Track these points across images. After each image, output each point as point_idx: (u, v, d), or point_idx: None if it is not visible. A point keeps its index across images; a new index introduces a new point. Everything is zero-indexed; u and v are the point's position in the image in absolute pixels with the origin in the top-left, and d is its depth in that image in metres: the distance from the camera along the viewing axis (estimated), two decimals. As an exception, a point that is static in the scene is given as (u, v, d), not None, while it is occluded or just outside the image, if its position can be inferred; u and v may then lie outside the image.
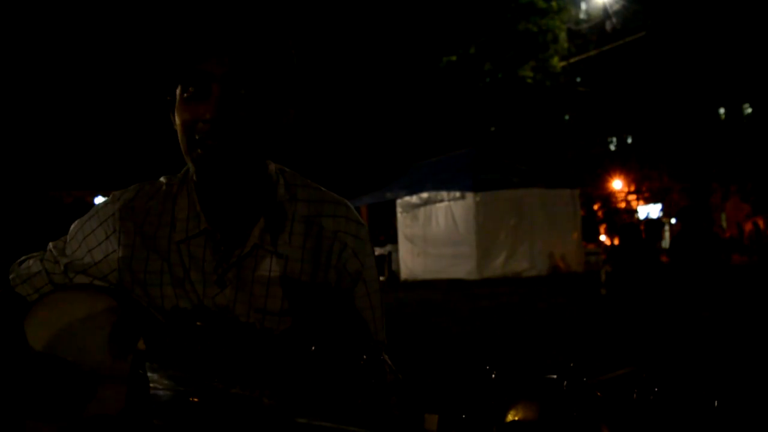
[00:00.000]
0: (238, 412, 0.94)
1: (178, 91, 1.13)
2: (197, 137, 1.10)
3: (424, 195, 15.62)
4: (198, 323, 1.01)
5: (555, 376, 0.71)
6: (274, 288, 1.20)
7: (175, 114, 1.14)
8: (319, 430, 0.83)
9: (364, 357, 0.82)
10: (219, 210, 1.21)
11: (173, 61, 1.13)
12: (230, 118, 1.09)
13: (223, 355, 1.00)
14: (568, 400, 0.69)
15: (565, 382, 0.70)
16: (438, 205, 15.27)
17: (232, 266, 1.20)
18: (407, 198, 16.12)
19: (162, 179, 1.29)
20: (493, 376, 0.73)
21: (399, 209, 16.34)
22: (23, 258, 1.31)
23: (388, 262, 16.28)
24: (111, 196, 1.30)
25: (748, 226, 25.10)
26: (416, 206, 15.85)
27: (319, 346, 0.85)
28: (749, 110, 26.64)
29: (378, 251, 16.70)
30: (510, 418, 0.74)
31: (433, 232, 15.30)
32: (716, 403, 0.67)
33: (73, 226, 1.30)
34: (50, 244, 1.30)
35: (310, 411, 0.85)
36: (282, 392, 0.89)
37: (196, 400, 0.96)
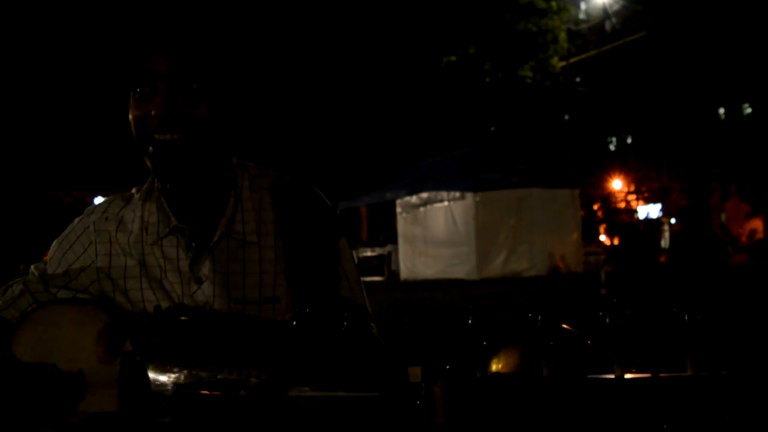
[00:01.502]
0: (228, 395, 0.95)
1: (131, 96, 1.17)
2: (149, 132, 1.13)
3: (424, 195, 15.62)
4: (182, 318, 1.03)
5: (530, 315, 0.74)
6: (251, 277, 1.22)
7: (129, 114, 1.17)
8: (310, 400, 0.85)
9: (345, 324, 0.84)
10: (186, 208, 1.23)
11: (124, 63, 1.16)
12: (177, 113, 1.12)
13: (209, 344, 1.01)
14: (545, 338, 0.72)
15: (540, 318, 0.73)
16: (438, 205, 15.27)
17: (205, 260, 1.22)
18: (407, 198, 16.12)
19: (133, 190, 1.32)
20: (470, 321, 0.75)
21: (399, 209, 16.34)
22: (6, 285, 1.33)
23: (387, 263, 16.27)
24: (85, 211, 1.33)
25: (747, 227, 25.09)
26: (416, 206, 15.84)
27: (300, 319, 0.86)
28: (749, 110, 26.65)
29: (378, 251, 16.70)
30: (493, 363, 0.76)
31: (433, 232, 15.29)
32: (687, 318, 0.69)
33: (52, 245, 1.33)
34: (32, 267, 1.32)
35: (299, 383, 0.86)
36: (270, 369, 0.90)
37: (187, 392, 0.98)
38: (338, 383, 0.83)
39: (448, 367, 0.72)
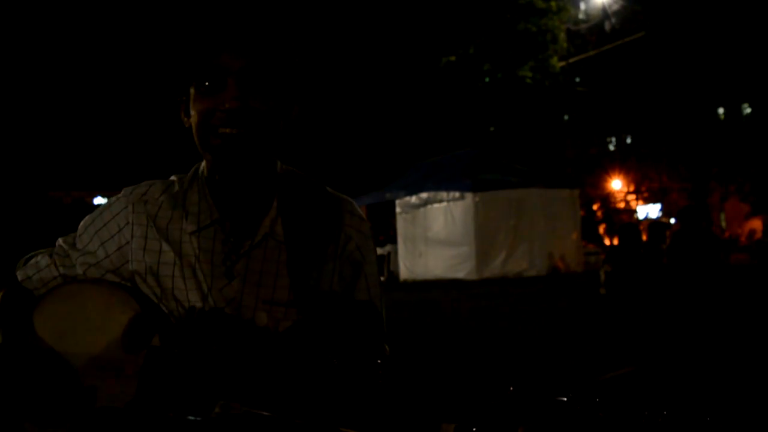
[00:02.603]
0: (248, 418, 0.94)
1: (192, 90, 1.18)
2: (214, 126, 1.15)
3: (424, 195, 15.61)
4: (216, 323, 1.03)
5: (565, 399, 0.72)
6: (282, 279, 1.22)
7: (191, 108, 1.18)
8: None
9: (379, 363, 0.83)
10: (230, 202, 1.24)
11: (189, 58, 1.18)
12: (247, 108, 1.15)
13: (237, 359, 1.01)
14: (577, 424, 0.71)
15: (578, 407, 0.72)
16: (437, 205, 15.26)
17: (242, 257, 1.22)
18: (407, 198, 16.11)
19: (173, 177, 1.32)
20: (511, 389, 0.74)
21: (398, 209, 16.33)
22: (30, 254, 1.31)
23: (387, 263, 16.27)
24: (123, 191, 1.32)
25: (747, 227, 25.10)
26: (416, 206, 15.83)
27: (339, 358, 0.85)
28: (748, 110, 26.64)
29: (377, 251, 16.68)
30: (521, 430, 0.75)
31: (433, 232, 15.29)
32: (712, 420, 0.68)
33: (83, 221, 1.31)
34: (59, 240, 1.31)
35: (328, 421, 0.85)
36: (303, 403, 0.89)
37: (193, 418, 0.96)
38: (369, 428, 0.82)
39: (475, 429, 0.71)
